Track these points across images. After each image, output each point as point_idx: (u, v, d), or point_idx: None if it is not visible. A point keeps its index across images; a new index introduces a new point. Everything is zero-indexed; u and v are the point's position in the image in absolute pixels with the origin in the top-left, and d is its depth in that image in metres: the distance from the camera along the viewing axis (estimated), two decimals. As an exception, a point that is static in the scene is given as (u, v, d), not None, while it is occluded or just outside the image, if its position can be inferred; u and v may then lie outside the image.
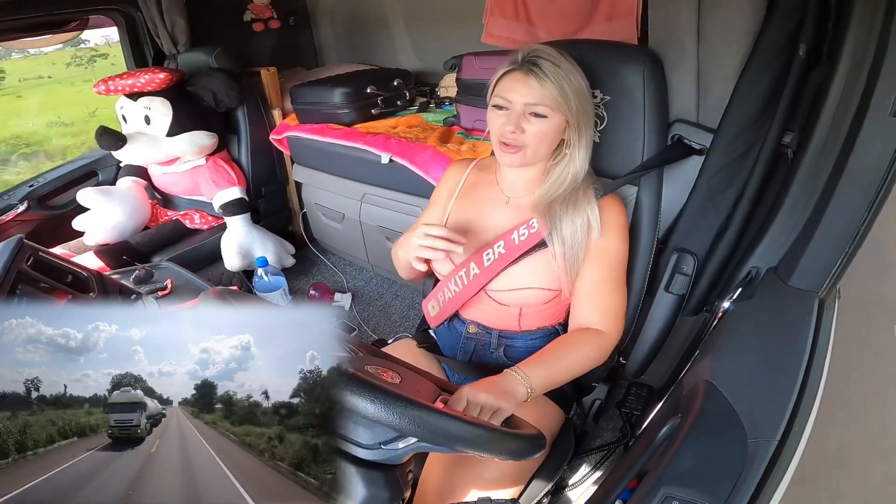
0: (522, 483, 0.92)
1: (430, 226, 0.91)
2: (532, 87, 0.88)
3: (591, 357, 0.91)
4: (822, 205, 0.83)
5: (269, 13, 2.49)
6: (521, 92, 0.88)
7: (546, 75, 0.87)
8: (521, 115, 0.89)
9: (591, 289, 0.94)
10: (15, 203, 1.99)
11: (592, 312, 0.94)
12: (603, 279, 0.94)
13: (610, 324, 0.94)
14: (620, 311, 0.96)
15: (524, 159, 0.93)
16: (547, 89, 0.87)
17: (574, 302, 0.96)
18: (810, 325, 0.78)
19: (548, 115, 0.89)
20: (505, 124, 0.90)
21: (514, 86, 0.89)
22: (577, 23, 1.68)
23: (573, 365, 0.90)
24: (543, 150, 0.93)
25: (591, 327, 0.94)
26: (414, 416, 0.50)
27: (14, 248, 0.99)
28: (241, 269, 2.01)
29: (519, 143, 0.91)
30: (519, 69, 0.89)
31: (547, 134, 0.91)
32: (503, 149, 0.93)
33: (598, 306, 0.94)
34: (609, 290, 0.95)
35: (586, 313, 0.95)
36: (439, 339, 1.16)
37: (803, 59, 0.92)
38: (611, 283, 0.95)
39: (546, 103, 0.88)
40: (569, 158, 0.94)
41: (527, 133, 0.90)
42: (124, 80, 1.88)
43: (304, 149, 2.12)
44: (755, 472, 0.61)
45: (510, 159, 0.93)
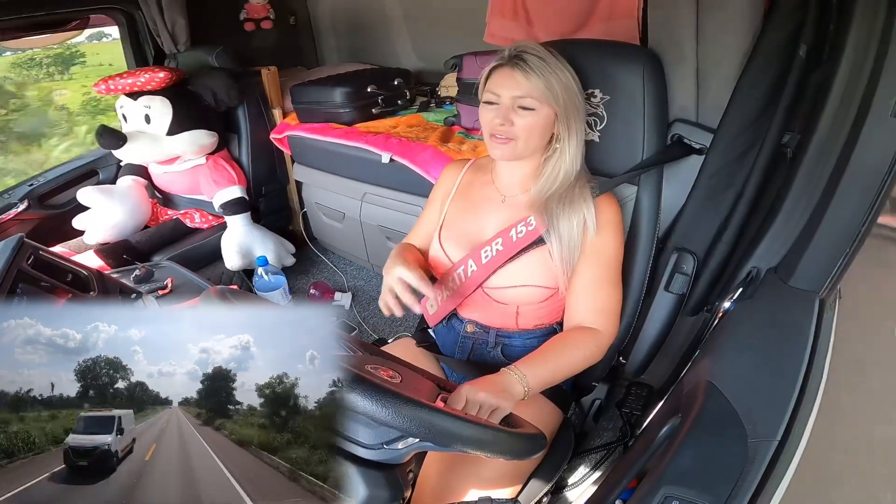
0: (521, 482, 0.92)
1: (408, 272, 0.91)
2: (519, 80, 0.89)
3: (586, 356, 0.92)
4: (823, 205, 0.82)
5: (265, 13, 2.48)
6: (509, 86, 0.90)
7: (531, 69, 0.89)
8: (509, 109, 0.91)
9: (587, 287, 0.94)
10: (15, 202, 1.99)
11: (588, 311, 0.95)
12: (598, 277, 0.94)
13: (605, 322, 0.94)
14: (615, 310, 0.96)
15: (515, 151, 0.93)
16: (533, 82, 0.89)
17: (569, 301, 0.97)
18: (811, 326, 0.78)
19: (535, 107, 0.90)
20: (494, 118, 0.92)
21: (501, 81, 0.91)
22: (576, 23, 1.68)
23: (569, 363, 0.90)
24: (534, 143, 0.94)
25: (587, 326, 0.94)
26: (415, 416, 0.50)
27: (14, 247, 0.99)
28: (242, 268, 2.01)
29: (509, 135, 0.92)
30: (506, 65, 0.91)
31: (535, 126, 0.91)
32: (493, 141, 0.94)
33: (593, 305, 0.94)
34: (604, 289, 0.95)
35: (582, 312, 0.95)
36: (438, 338, 1.16)
37: (804, 60, 0.92)
38: (606, 282, 0.95)
39: (533, 95, 0.89)
40: (559, 153, 0.95)
41: (516, 125, 0.91)
42: (124, 79, 1.88)
43: (305, 148, 2.12)
44: (755, 472, 0.61)
45: (501, 151, 0.94)
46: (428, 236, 1.10)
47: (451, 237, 1.04)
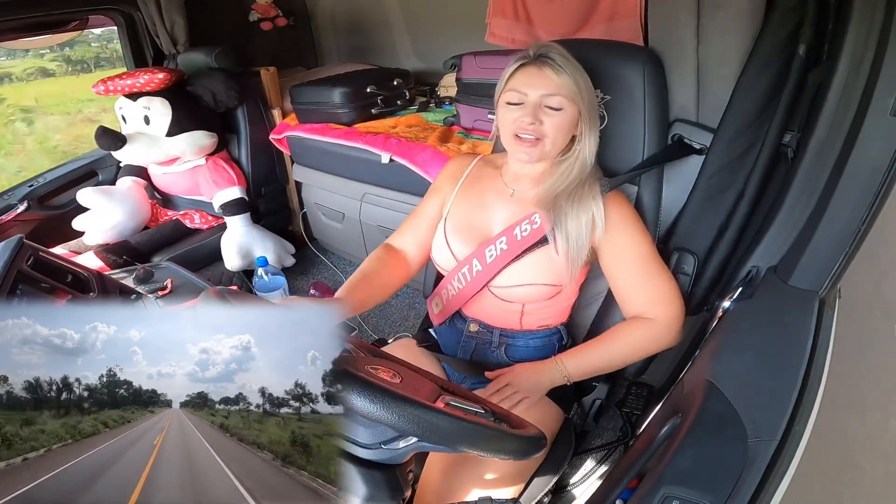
0: (523, 482, 0.92)
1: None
2: (549, 77, 0.88)
3: (636, 346, 0.94)
4: (823, 204, 0.82)
5: (275, 11, 2.49)
6: (537, 84, 0.89)
7: (561, 67, 0.88)
8: (537, 108, 0.89)
9: (626, 287, 0.95)
10: (15, 203, 1.99)
11: (638, 306, 0.94)
12: (633, 272, 0.93)
13: (658, 310, 0.93)
14: (665, 294, 0.93)
15: (542, 152, 0.92)
16: (563, 80, 0.88)
17: (619, 302, 0.97)
18: (811, 325, 0.78)
19: (563, 106, 0.89)
20: (521, 116, 0.89)
21: (529, 79, 0.89)
22: (577, 23, 1.68)
23: (618, 355, 0.95)
24: (560, 143, 0.93)
25: (640, 316, 0.94)
26: (414, 416, 0.50)
27: (14, 248, 0.99)
28: (242, 268, 2.01)
29: (538, 135, 0.90)
30: (532, 63, 0.90)
31: (563, 126, 0.90)
32: (519, 143, 0.91)
33: (639, 299, 0.94)
34: (644, 280, 0.93)
35: (633, 308, 0.95)
36: (440, 338, 1.15)
37: (803, 59, 0.92)
38: (643, 274, 0.93)
39: (562, 93, 0.88)
40: (578, 153, 0.94)
41: (545, 124, 0.89)
42: (123, 80, 1.88)
43: (304, 148, 2.12)
44: (755, 472, 0.61)
45: (528, 154, 0.92)
46: (426, 227, 1.08)
47: (457, 231, 1.03)
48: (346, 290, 0.98)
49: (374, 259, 1.05)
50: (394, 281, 1.05)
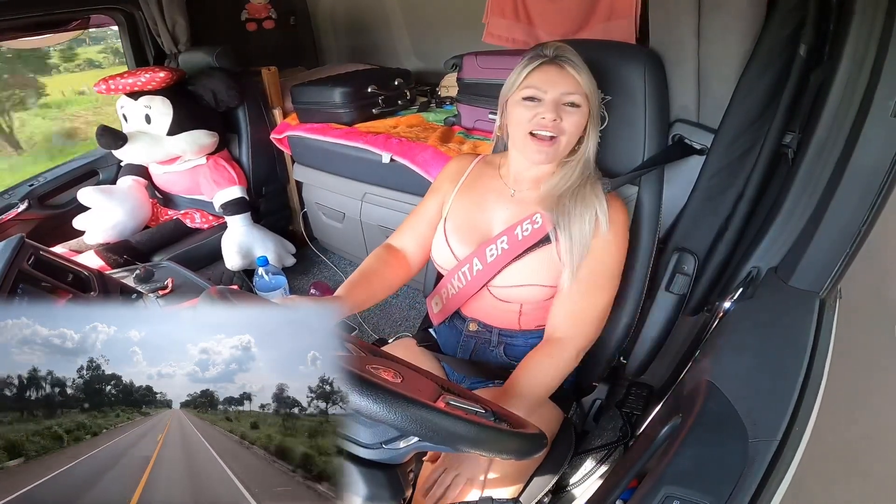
0: (523, 482, 0.92)
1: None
2: (570, 76, 0.89)
3: (550, 374, 0.91)
4: (823, 205, 0.83)
5: (266, 13, 2.49)
6: (558, 83, 0.89)
7: (579, 66, 0.89)
8: (557, 105, 0.89)
9: (571, 288, 0.92)
10: (15, 202, 1.99)
11: (562, 315, 0.93)
12: (586, 279, 0.92)
13: (577, 330, 0.92)
14: (595, 316, 0.93)
15: (558, 152, 0.92)
16: (583, 79, 0.89)
17: (556, 297, 0.95)
18: (811, 326, 0.78)
19: (581, 104, 0.90)
20: (543, 112, 0.89)
21: (547, 77, 0.89)
22: (577, 23, 1.68)
23: (541, 386, 0.90)
24: (572, 142, 0.93)
25: (553, 337, 0.93)
26: (415, 415, 0.50)
27: (15, 248, 0.99)
28: (242, 268, 2.01)
29: (557, 132, 0.90)
30: (550, 62, 0.90)
31: (580, 124, 0.91)
32: (535, 142, 0.91)
33: (570, 308, 0.93)
34: (589, 293, 0.92)
35: (558, 315, 0.94)
36: (440, 338, 1.16)
37: (804, 60, 0.92)
38: (594, 286, 0.92)
39: (580, 92, 0.89)
40: (581, 152, 0.95)
41: (564, 122, 0.89)
42: (125, 79, 1.88)
43: (305, 148, 2.12)
44: (756, 472, 0.61)
45: (545, 154, 0.91)
46: (426, 226, 1.08)
47: (458, 231, 1.02)
48: (346, 288, 0.98)
49: (374, 258, 1.05)
50: (394, 280, 1.05)
